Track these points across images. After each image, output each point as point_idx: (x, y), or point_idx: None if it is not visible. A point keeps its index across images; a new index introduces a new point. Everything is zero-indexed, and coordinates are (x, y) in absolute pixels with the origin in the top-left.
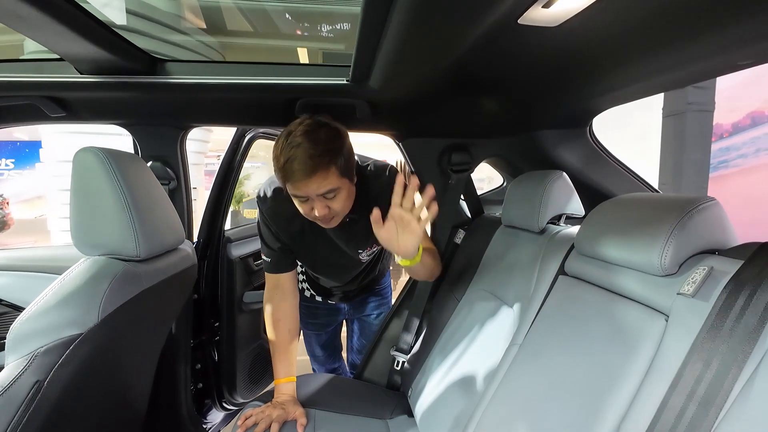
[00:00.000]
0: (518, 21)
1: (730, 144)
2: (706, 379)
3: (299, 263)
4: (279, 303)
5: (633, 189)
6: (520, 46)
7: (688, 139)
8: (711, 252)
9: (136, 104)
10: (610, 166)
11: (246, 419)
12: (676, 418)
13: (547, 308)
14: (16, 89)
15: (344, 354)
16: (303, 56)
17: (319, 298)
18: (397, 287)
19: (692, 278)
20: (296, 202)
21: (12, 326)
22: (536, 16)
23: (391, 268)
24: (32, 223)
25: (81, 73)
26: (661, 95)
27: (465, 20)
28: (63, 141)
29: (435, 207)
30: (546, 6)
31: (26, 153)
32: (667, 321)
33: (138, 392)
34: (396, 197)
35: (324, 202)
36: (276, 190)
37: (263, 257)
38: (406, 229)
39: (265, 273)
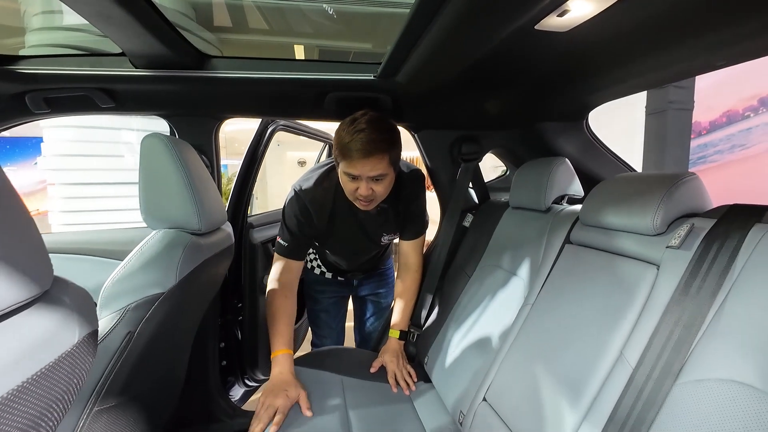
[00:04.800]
0: (535, 27)
1: (707, 141)
2: (689, 308)
3: (316, 243)
4: (290, 284)
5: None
6: (533, 48)
7: (669, 136)
8: (692, 215)
9: (181, 96)
10: (602, 155)
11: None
12: (666, 339)
13: (556, 271)
14: (76, 81)
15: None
16: (299, 52)
17: (329, 275)
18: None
19: (678, 234)
20: (344, 180)
21: (104, 287)
22: (551, 22)
23: (392, 255)
24: None
25: (136, 67)
26: (644, 95)
27: (495, 25)
28: (64, 135)
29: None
30: (560, 15)
31: (7, 149)
32: (658, 269)
33: (183, 359)
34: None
35: (370, 184)
36: (317, 181)
37: (281, 241)
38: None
39: (278, 255)
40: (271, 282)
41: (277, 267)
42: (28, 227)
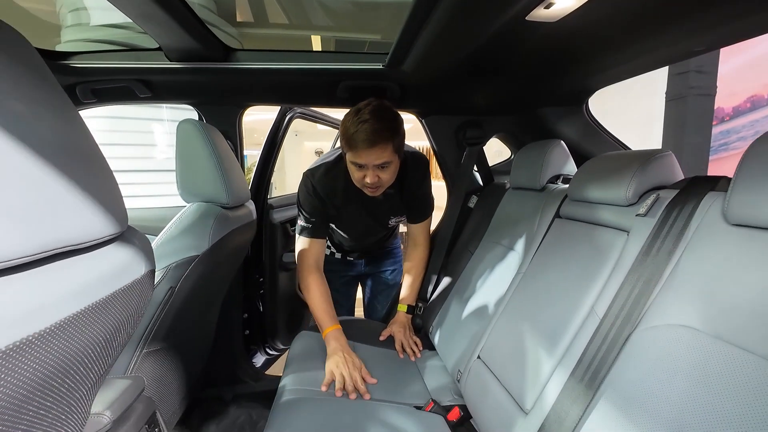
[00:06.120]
0: (526, 18)
1: (730, 127)
2: (649, 267)
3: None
4: (317, 263)
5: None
6: (527, 37)
7: (688, 123)
8: (662, 187)
9: (209, 86)
10: (602, 138)
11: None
12: (629, 294)
13: (545, 243)
14: (119, 73)
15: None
16: (316, 43)
17: (338, 255)
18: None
19: (646, 203)
20: (352, 169)
21: None
22: (540, 14)
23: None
24: None
25: (170, 60)
26: (665, 81)
27: (487, 17)
28: (96, 126)
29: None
30: (547, 7)
31: None
32: (628, 235)
33: (212, 319)
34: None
35: (376, 171)
36: (327, 169)
37: (302, 223)
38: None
39: (302, 238)
40: (299, 265)
41: (301, 249)
42: (112, 178)
